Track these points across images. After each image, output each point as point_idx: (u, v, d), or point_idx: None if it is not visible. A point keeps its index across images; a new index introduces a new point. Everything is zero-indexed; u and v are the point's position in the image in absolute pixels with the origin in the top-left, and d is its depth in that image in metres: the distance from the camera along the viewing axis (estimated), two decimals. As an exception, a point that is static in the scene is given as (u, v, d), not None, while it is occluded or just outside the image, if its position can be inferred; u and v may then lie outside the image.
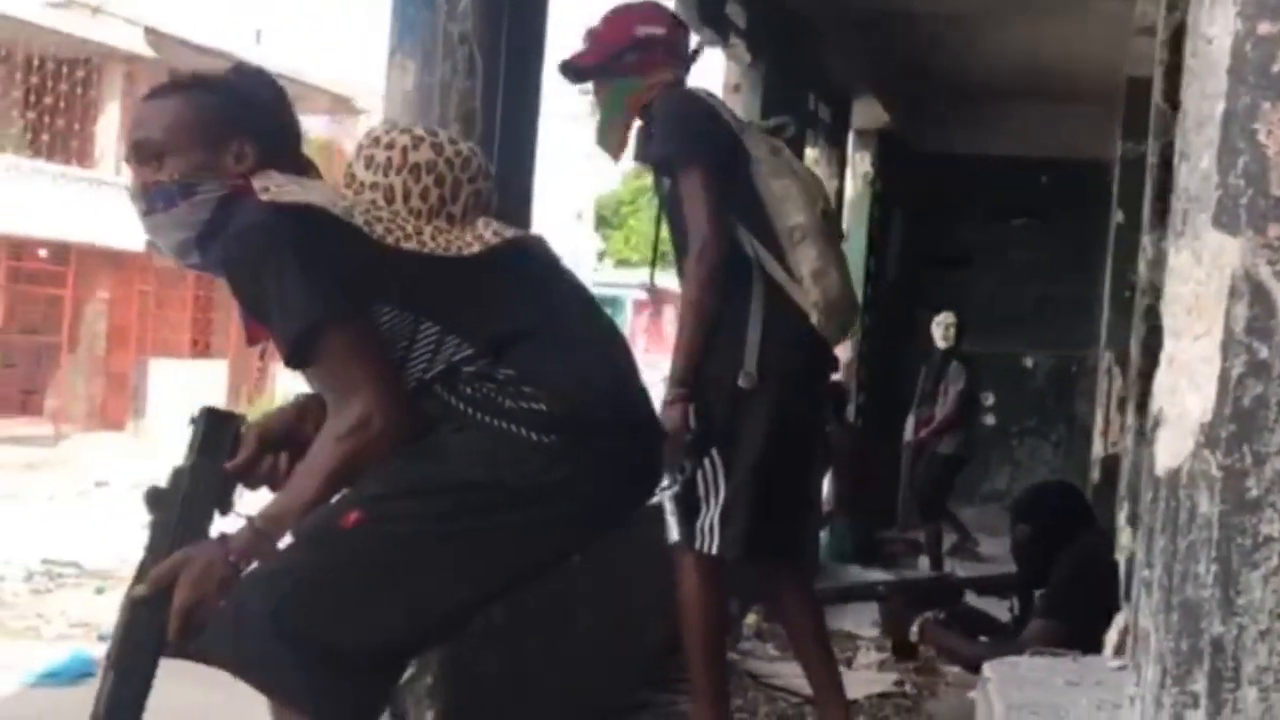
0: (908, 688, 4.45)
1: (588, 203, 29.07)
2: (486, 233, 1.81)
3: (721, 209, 2.79)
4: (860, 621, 5.34)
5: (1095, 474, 5.94)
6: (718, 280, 2.79)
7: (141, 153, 1.82)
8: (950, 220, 8.71)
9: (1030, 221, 8.77)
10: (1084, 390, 8.34)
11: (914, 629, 4.08)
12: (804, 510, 3.24)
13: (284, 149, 1.87)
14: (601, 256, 37.18)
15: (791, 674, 4.36)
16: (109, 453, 16.59)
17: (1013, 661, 2.23)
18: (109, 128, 18.49)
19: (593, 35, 3.00)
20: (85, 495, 14.31)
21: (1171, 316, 1.11)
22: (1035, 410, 8.83)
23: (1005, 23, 6.32)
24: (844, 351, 8.01)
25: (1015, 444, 8.79)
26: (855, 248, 7.22)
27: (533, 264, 1.86)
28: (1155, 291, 2.45)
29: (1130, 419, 2.51)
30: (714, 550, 2.83)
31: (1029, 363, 8.87)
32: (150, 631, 1.70)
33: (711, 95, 3.03)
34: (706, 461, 2.82)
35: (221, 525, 1.81)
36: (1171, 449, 1.07)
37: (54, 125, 17.82)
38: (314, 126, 24.57)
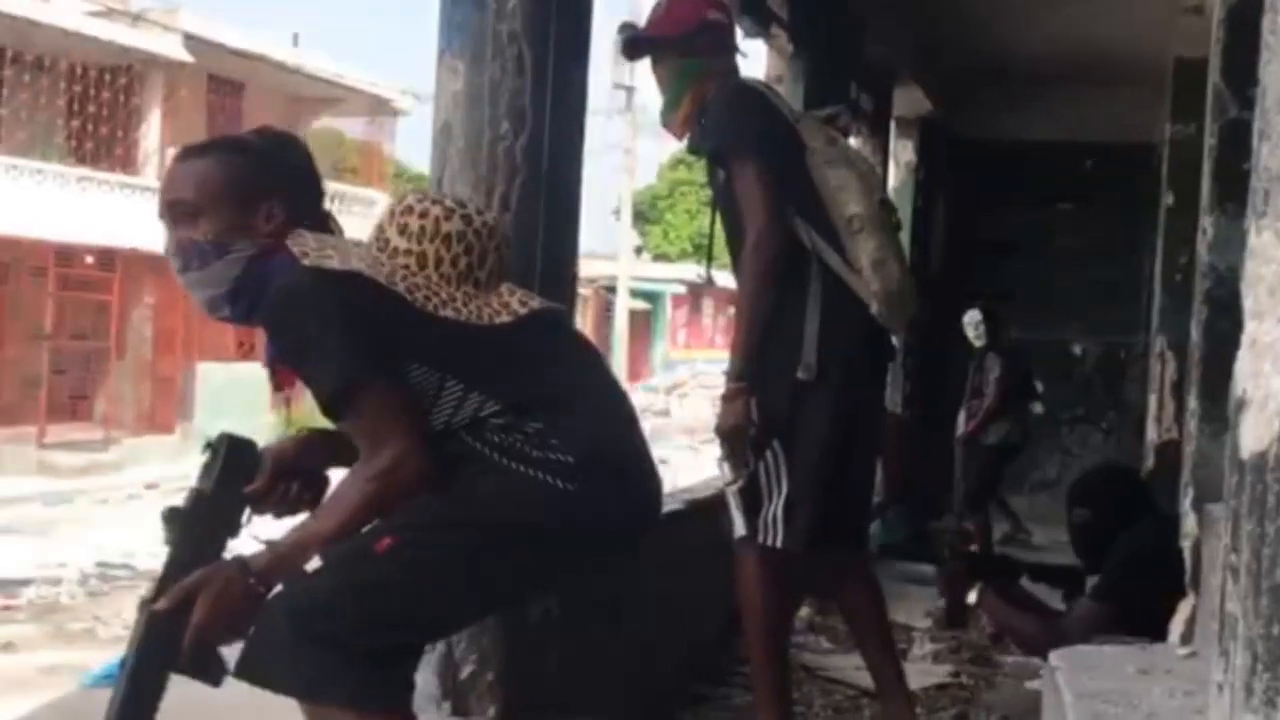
0: (964, 679, 4.43)
1: (625, 198, 29.02)
2: (514, 301, 1.93)
3: (777, 200, 2.77)
4: (913, 613, 5.31)
5: (1150, 460, 5.87)
6: (775, 273, 2.77)
7: (176, 212, 1.92)
8: (995, 207, 8.65)
9: (1075, 207, 8.68)
10: (1133, 377, 8.26)
11: (972, 594, 4.05)
12: (866, 501, 3.21)
13: (310, 207, 1.98)
14: (639, 252, 37.17)
15: (847, 667, 4.35)
16: (158, 456, 16.82)
17: (1082, 650, 2.21)
18: (151, 134, 18.73)
19: (663, 10, 3.00)
20: (136, 498, 14.52)
21: (1253, 299, 1.10)
22: (1084, 398, 8.75)
23: (1048, 6, 6.25)
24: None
25: (1065, 431, 8.72)
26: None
27: (553, 332, 1.99)
28: (1216, 274, 2.42)
29: (1193, 403, 2.48)
30: (778, 543, 2.81)
31: (1077, 350, 8.79)
32: (166, 645, 1.76)
33: (767, 85, 3.01)
34: (768, 454, 2.81)
35: (232, 547, 1.91)
36: (1256, 432, 1.05)
37: (97, 133, 18.06)
38: (352, 128, 24.80)
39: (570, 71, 2.77)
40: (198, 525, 1.87)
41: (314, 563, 1.80)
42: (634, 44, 3.03)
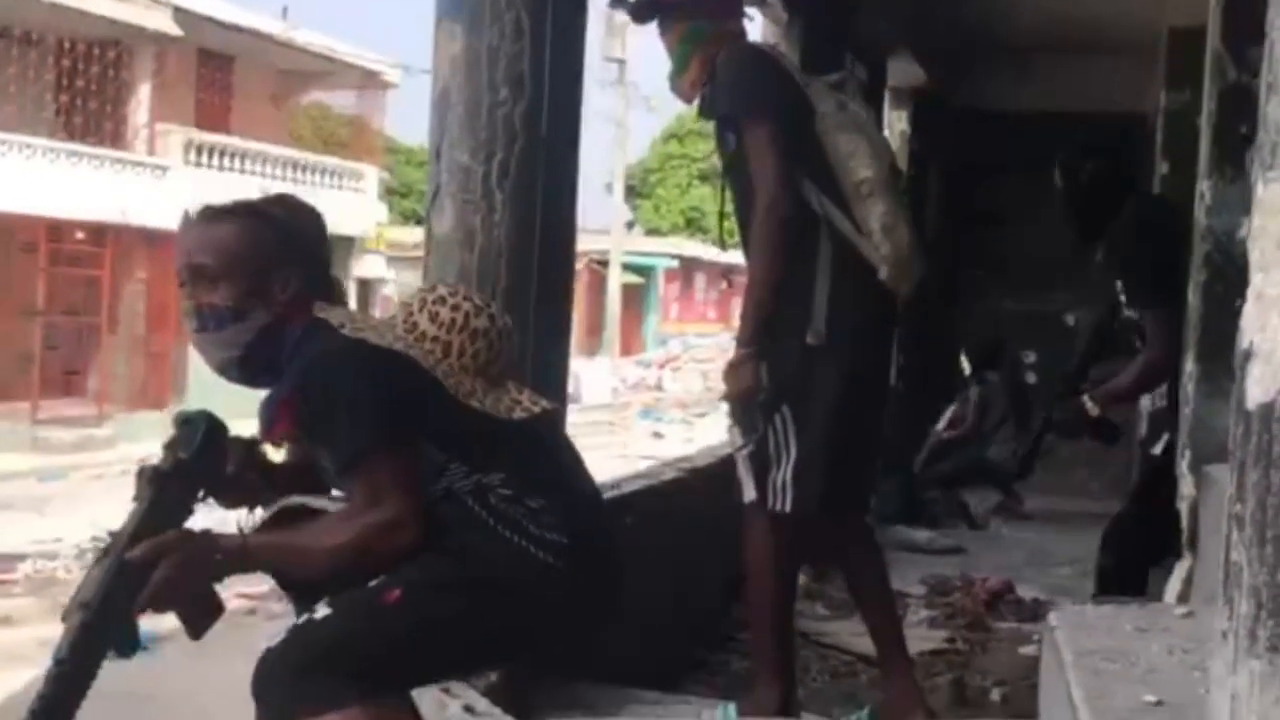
0: (959, 644, 4.46)
1: (617, 172, 28.95)
2: (524, 399, 2.05)
3: (788, 164, 2.77)
4: (908, 580, 5.34)
5: (1143, 428, 5.89)
6: (786, 236, 2.77)
7: (197, 276, 2.00)
8: (988, 178, 8.63)
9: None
10: (1125, 347, 8.27)
11: (1088, 403, 4.02)
12: (873, 466, 3.23)
13: (322, 275, 2.08)
14: (631, 226, 37.09)
15: (843, 633, 4.38)
16: (152, 432, 16.73)
17: (1079, 609, 2.23)
18: (140, 108, 18.62)
19: None
20: (130, 474, 14.48)
21: (1260, 251, 1.11)
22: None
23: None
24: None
25: (1059, 403, 8.72)
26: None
27: (552, 430, 2.14)
28: (1214, 238, 2.43)
29: (1190, 365, 2.49)
30: (787, 508, 2.83)
31: (1070, 320, 8.78)
32: (129, 590, 1.82)
33: (776, 49, 3.00)
34: (777, 419, 2.82)
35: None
36: (1263, 383, 1.06)
37: (86, 108, 17.96)
38: (342, 101, 24.67)
39: (567, 37, 2.77)
40: (174, 489, 1.94)
41: (321, 610, 1.89)
42: (642, 7, 3.03)
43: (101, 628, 1.80)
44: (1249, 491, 1.08)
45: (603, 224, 28.84)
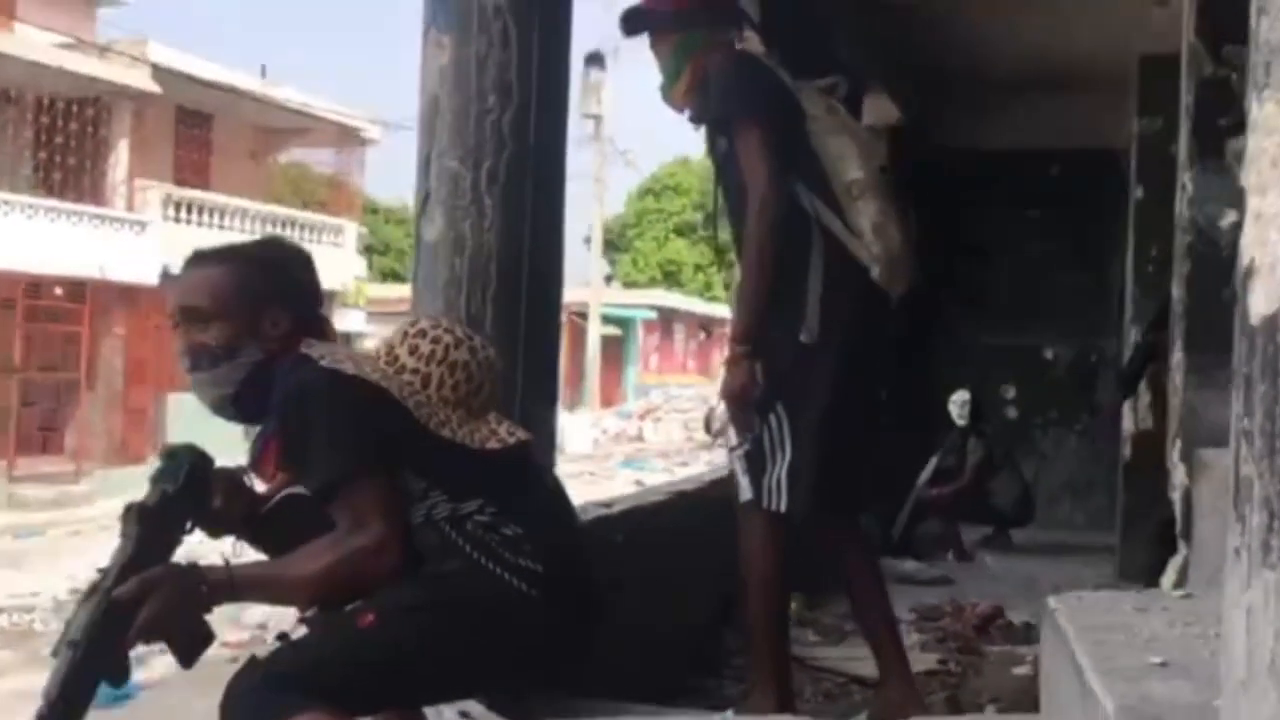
0: (952, 666, 4.44)
1: (596, 225, 29.11)
2: (501, 430, 2.07)
3: (780, 165, 2.79)
4: (897, 608, 5.31)
5: (1126, 450, 5.92)
6: (779, 235, 2.79)
7: (189, 317, 2.05)
8: (966, 214, 8.71)
9: (1044, 213, 8.77)
10: (1106, 379, 8.33)
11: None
12: (867, 470, 3.22)
13: (311, 314, 2.12)
14: (609, 280, 37.24)
15: (835, 657, 4.36)
16: (130, 487, 16.58)
17: (1076, 595, 2.23)
18: (119, 165, 18.65)
19: None
20: (109, 529, 14.35)
21: (1256, 174, 1.12)
22: (1057, 401, 8.80)
23: (1014, 15, 6.34)
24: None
25: (1039, 435, 8.76)
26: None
27: (530, 461, 2.13)
28: (1197, 228, 2.45)
29: (1178, 355, 2.50)
30: (782, 507, 2.82)
31: (1049, 354, 8.85)
32: (117, 627, 1.82)
33: (767, 55, 3.04)
34: (772, 418, 2.82)
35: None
36: (1266, 296, 1.07)
37: (65, 164, 17.98)
38: (321, 158, 24.76)
39: (554, 46, 2.80)
40: (159, 524, 1.95)
41: (298, 632, 1.93)
42: (633, 18, 3.06)
43: (90, 664, 1.81)
44: (1256, 405, 1.09)
45: (581, 277, 28.97)
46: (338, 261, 21.21)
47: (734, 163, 2.86)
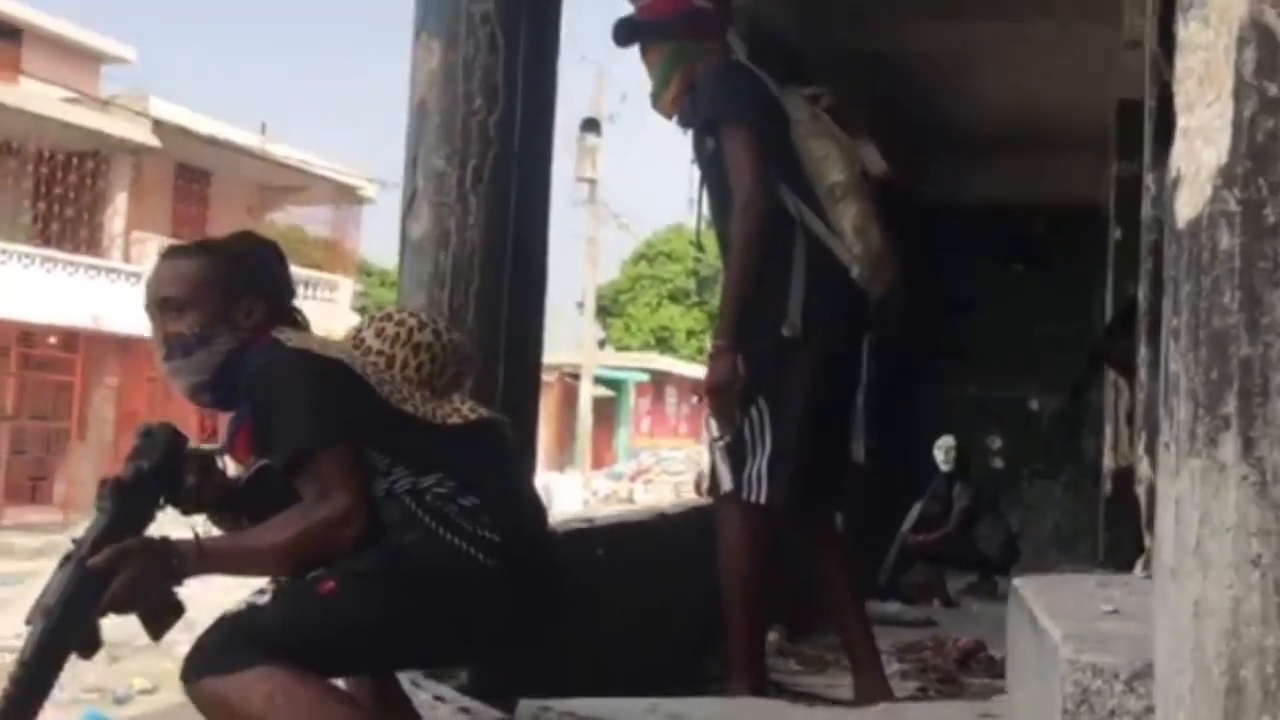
0: (931, 694, 4.44)
1: (589, 287, 29.25)
2: (464, 409, 2.12)
3: (764, 165, 2.87)
4: (880, 643, 5.32)
5: (1108, 487, 5.96)
6: (762, 232, 2.86)
7: (165, 307, 2.11)
8: (951, 268, 8.83)
9: (1029, 267, 8.89)
10: (1090, 430, 8.39)
11: None
12: (843, 466, 3.25)
13: (284, 304, 2.18)
14: (602, 345, 37.32)
15: (818, 684, 4.36)
16: (117, 538, 16.54)
17: (1042, 576, 2.27)
18: (117, 218, 18.79)
19: None
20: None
21: (1183, 93, 1.19)
22: (1043, 453, 8.86)
23: (993, 63, 6.48)
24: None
25: (1025, 486, 8.81)
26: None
27: (494, 437, 2.16)
28: (1160, 227, 2.52)
29: (1143, 351, 2.56)
30: (761, 499, 2.87)
31: (1034, 405, 8.93)
32: (90, 595, 1.86)
33: (752, 63, 3.14)
34: (753, 410, 2.87)
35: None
36: (1191, 200, 1.14)
37: (63, 215, 18.12)
38: (318, 218, 24.93)
39: (541, 52, 2.89)
40: (135, 498, 2.00)
41: (262, 599, 1.94)
42: (625, 27, 3.17)
43: (63, 631, 1.85)
44: (1183, 304, 1.15)
45: (574, 340, 29.06)
46: (332, 316, 21.28)
47: (720, 164, 2.94)
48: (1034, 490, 8.79)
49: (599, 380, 29.79)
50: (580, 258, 28.87)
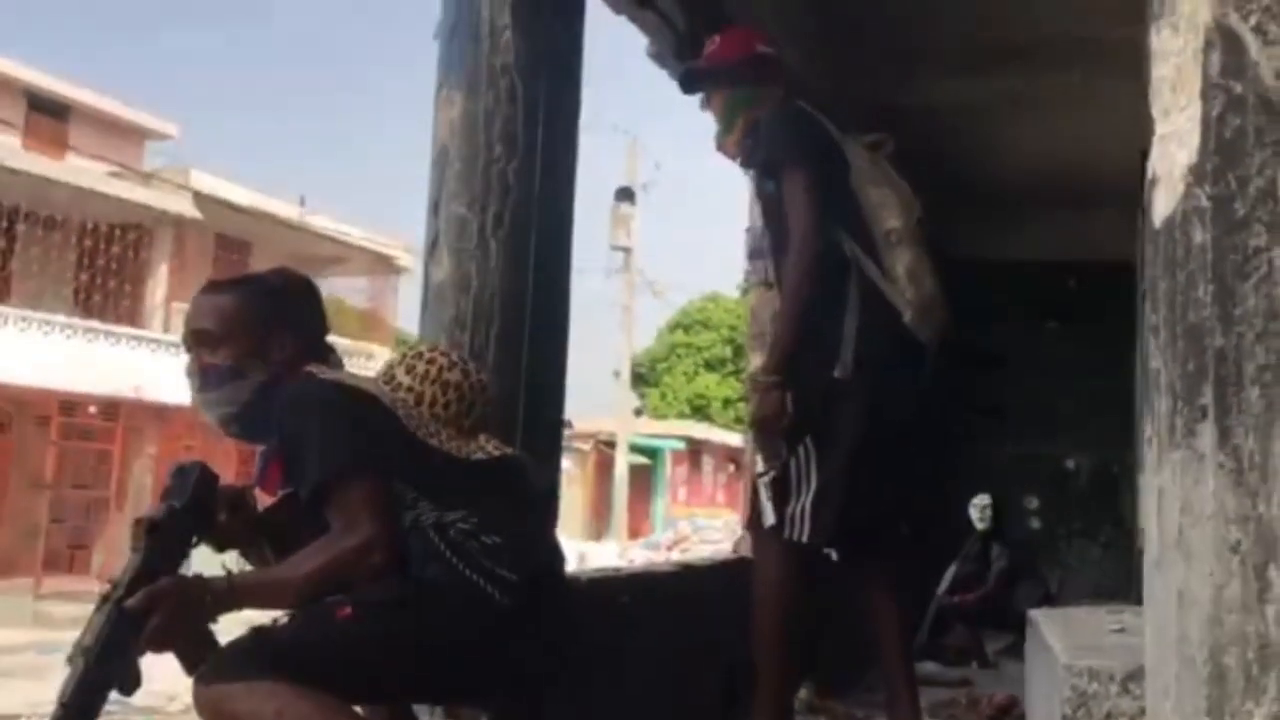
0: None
1: (624, 354, 29.33)
2: (489, 446, 2.18)
3: (821, 207, 2.91)
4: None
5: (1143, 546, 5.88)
6: (817, 272, 2.89)
7: (199, 340, 2.18)
8: (983, 324, 8.80)
9: (1062, 324, 8.87)
10: (1127, 488, 8.31)
11: None
12: (899, 511, 3.23)
13: (317, 341, 2.24)
14: (639, 414, 37.33)
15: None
16: (154, 606, 16.60)
17: (1059, 610, 2.27)
18: (158, 288, 19.11)
19: (718, 45, 3.25)
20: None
21: (1158, 102, 1.23)
22: (1080, 512, 8.76)
23: (1014, 116, 6.52)
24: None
25: (1063, 546, 8.71)
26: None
27: (517, 476, 2.21)
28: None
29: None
30: (804, 538, 2.87)
31: (1071, 464, 8.85)
32: (127, 635, 1.90)
33: (814, 110, 3.20)
34: (800, 449, 2.89)
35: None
36: (1166, 199, 1.17)
37: (105, 286, 18.44)
38: (356, 288, 25.24)
39: (560, 101, 2.95)
40: (167, 537, 2.03)
41: (281, 619, 1.97)
42: (691, 75, 3.27)
43: (102, 670, 1.88)
44: (1161, 300, 1.17)
45: (610, 409, 29.09)
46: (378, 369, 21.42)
47: (779, 206, 2.99)
48: (1072, 550, 8.69)
49: (635, 449, 29.76)
50: (615, 326, 29.03)
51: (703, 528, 29.61)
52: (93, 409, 17.86)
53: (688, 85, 3.28)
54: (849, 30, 5.40)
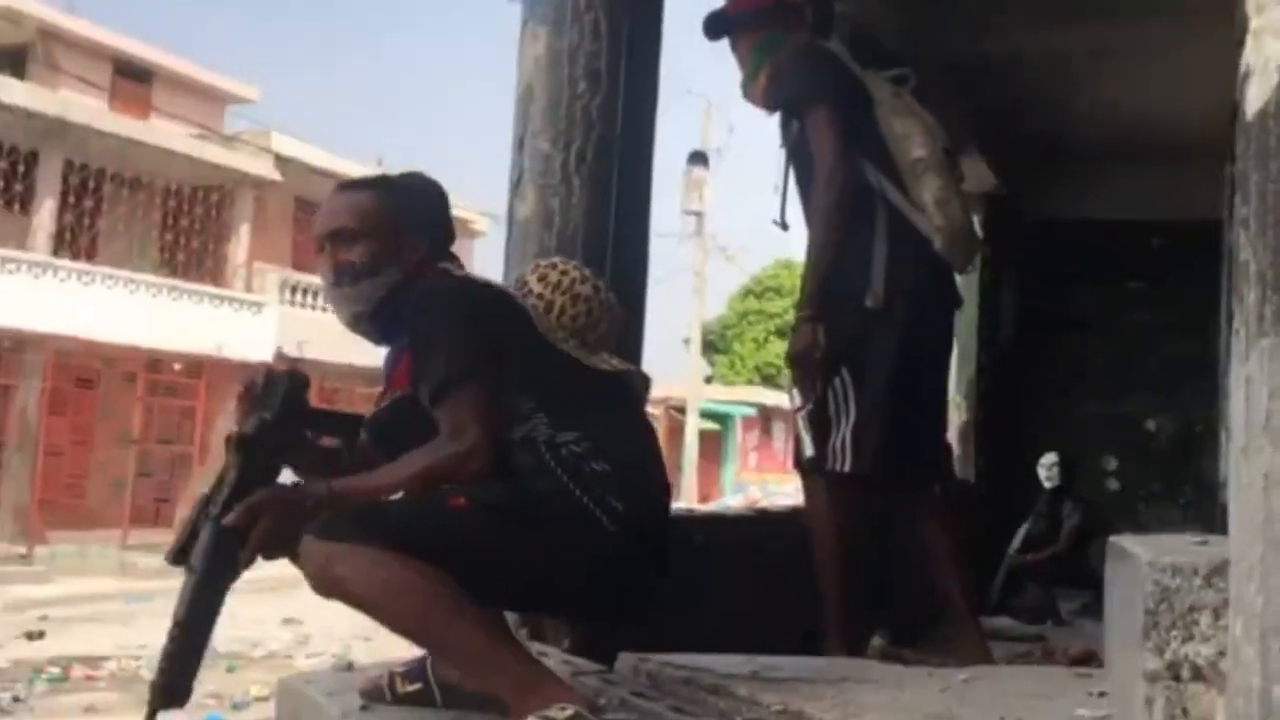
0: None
1: (695, 319, 29.33)
2: (613, 361, 2.18)
3: (846, 140, 2.93)
4: (987, 653, 5.25)
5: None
6: (844, 206, 2.92)
7: (337, 238, 2.17)
8: (1063, 285, 8.70)
9: (1145, 285, 8.72)
10: (1209, 450, 8.18)
11: None
12: (937, 435, 3.25)
13: (445, 245, 2.26)
14: (709, 380, 37.33)
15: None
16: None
17: (1142, 537, 2.27)
18: (240, 249, 19.45)
19: None
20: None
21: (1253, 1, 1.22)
22: (1160, 474, 8.65)
23: (1097, 67, 6.38)
24: (960, 415, 8.04)
25: (1141, 508, 8.60)
26: (967, 313, 7.25)
27: (631, 395, 2.22)
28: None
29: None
30: (846, 468, 2.90)
31: (1151, 426, 8.73)
32: (231, 551, 1.92)
33: (835, 45, 3.20)
34: (837, 380, 2.92)
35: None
36: (1259, 91, 1.17)
37: (189, 246, 18.83)
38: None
39: (644, 38, 2.97)
40: (261, 450, 2.03)
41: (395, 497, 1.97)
42: (715, 20, 3.26)
43: (210, 589, 1.90)
44: (1252, 193, 1.18)
45: (681, 375, 29.14)
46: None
47: (805, 146, 3.01)
48: (1150, 513, 8.57)
49: (705, 414, 29.80)
50: (687, 291, 29.02)
51: (774, 493, 29.59)
52: (177, 366, 18.28)
53: (712, 31, 3.26)
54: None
